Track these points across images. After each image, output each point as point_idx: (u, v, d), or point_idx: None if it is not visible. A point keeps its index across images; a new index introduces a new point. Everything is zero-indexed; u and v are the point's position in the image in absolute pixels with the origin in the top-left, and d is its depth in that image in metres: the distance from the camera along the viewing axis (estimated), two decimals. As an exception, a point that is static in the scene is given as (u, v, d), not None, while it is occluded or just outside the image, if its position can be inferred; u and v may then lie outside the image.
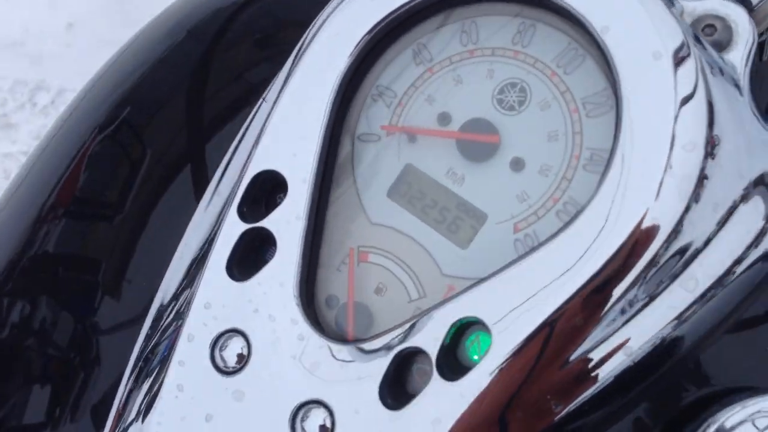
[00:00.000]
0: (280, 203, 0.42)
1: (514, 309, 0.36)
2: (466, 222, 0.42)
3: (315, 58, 0.44)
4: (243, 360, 0.40)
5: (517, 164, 0.42)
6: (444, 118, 0.44)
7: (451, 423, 0.36)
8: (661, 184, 0.36)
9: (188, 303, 0.42)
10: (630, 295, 0.37)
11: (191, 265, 0.45)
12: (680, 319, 0.38)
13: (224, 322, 0.41)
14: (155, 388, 0.42)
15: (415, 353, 0.38)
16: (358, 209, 0.44)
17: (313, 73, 0.44)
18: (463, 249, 0.42)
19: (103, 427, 0.46)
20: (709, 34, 0.42)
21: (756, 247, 0.40)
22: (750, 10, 0.55)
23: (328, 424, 0.38)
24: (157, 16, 0.69)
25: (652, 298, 0.37)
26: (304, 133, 0.43)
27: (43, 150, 0.65)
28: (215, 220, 0.45)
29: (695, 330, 0.40)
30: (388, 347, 0.38)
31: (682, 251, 0.37)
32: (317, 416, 0.38)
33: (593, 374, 0.38)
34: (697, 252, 0.37)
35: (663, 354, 0.39)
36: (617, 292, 0.36)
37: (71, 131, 0.65)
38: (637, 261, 0.36)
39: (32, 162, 0.66)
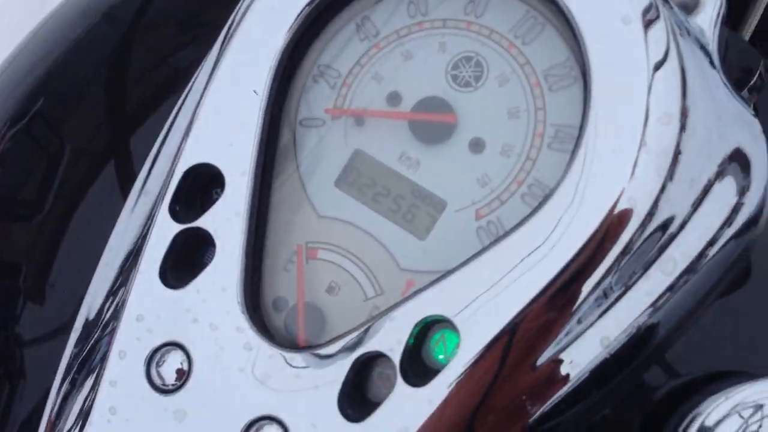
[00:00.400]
0: (216, 199, 0.38)
1: (483, 305, 0.33)
2: (423, 210, 0.38)
3: (248, 37, 0.39)
4: (183, 376, 0.36)
5: (477, 145, 0.38)
6: (394, 98, 0.40)
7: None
8: (636, 161, 0.33)
9: (117, 315, 0.37)
10: (606, 283, 0.34)
11: (119, 273, 0.41)
12: (657, 305, 0.36)
13: (160, 336, 0.36)
14: (85, 410, 0.37)
15: (376, 357, 0.35)
16: (304, 202, 0.40)
17: (246, 54, 0.39)
18: (421, 240, 0.38)
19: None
20: None
21: (729, 225, 0.38)
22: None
23: (285, 442, 0.34)
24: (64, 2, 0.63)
25: (629, 285, 0.34)
26: (239, 120, 0.38)
27: None
28: (144, 221, 0.40)
29: (672, 315, 0.37)
30: (345, 352, 0.34)
31: (661, 232, 0.34)
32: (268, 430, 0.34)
33: (569, 369, 0.34)
34: (675, 232, 0.35)
35: (641, 343, 0.36)
36: (593, 280, 0.33)
37: None
38: (613, 246, 0.33)
39: None
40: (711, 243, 0.37)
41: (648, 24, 0.34)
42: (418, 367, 0.34)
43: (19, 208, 0.56)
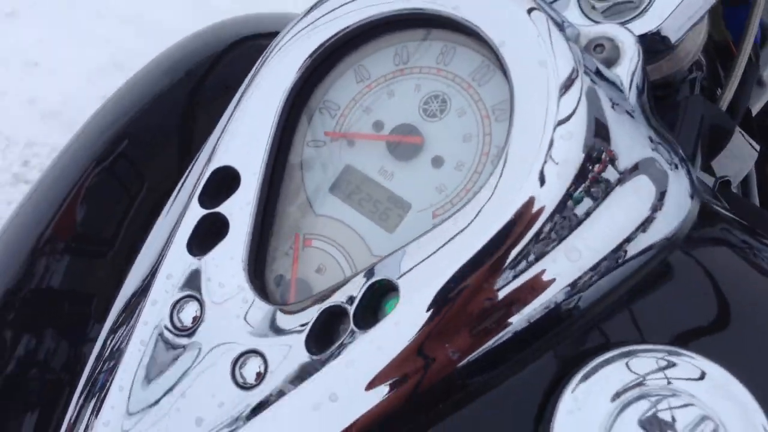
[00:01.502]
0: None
1: (419, 272, 0.42)
2: (394, 211, 0.48)
3: (268, 76, 0.51)
4: (196, 321, 0.46)
5: (437, 162, 0.48)
6: (378, 125, 0.51)
7: (362, 365, 0.42)
8: (542, 171, 0.42)
9: (153, 276, 0.48)
10: (517, 261, 0.42)
11: (157, 258, 0.51)
12: (573, 287, 0.44)
13: (182, 290, 0.47)
14: (122, 346, 0.48)
15: (340, 314, 0.44)
16: (305, 203, 0.51)
17: (265, 88, 0.51)
18: (390, 233, 0.48)
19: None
20: (599, 53, 0.49)
21: (644, 232, 0.46)
22: (670, 48, 0.62)
23: (262, 370, 0.43)
24: (158, 56, 0.77)
25: (533, 263, 0.43)
26: (256, 136, 0.50)
27: (41, 183, 0.71)
28: (181, 211, 0.51)
29: (586, 298, 0.45)
30: (315, 305, 0.44)
31: (561, 224, 0.42)
32: (253, 363, 0.44)
33: (491, 327, 0.43)
34: (575, 225, 0.43)
35: (554, 317, 0.44)
36: (507, 256, 0.42)
37: (69, 164, 0.70)
38: (525, 231, 0.42)
39: (30, 195, 0.71)
40: (625, 242, 0.45)
41: (562, 67, 0.44)
42: (369, 319, 0.43)
43: (96, 242, 0.65)
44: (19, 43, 2.36)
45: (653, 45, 0.60)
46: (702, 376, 0.40)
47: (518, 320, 0.43)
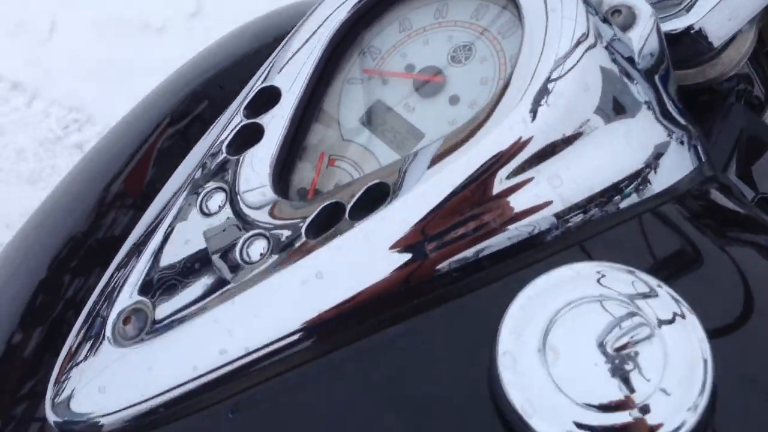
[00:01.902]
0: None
1: (409, 175, 0.47)
2: (410, 140, 0.53)
3: (320, 16, 0.58)
4: (220, 208, 0.52)
5: (454, 100, 0.53)
6: (409, 67, 0.56)
7: (348, 251, 0.46)
8: (534, 102, 0.46)
9: (198, 168, 0.55)
10: (507, 180, 0.46)
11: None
12: (555, 214, 0.47)
13: (213, 181, 0.53)
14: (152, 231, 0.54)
15: (341, 209, 0.49)
16: (336, 128, 0.56)
17: (317, 26, 0.58)
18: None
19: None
20: (617, 17, 0.53)
21: (635, 187, 0.48)
22: (712, 50, 0.64)
23: (264, 251, 0.49)
24: (248, 22, 0.85)
25: (522, 185, 0.46)
26: (301, 65, 0.56)
27: (114, 133, 0.75)
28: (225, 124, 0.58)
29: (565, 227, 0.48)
30: (318, 203, 0.49)
31: (546, 151, 0.46)
32: (259, 244, 0.49)
33: (468, 237, 0.46)
34: (557, 153, 0.46)
35: (534, 238, 0.47)
36: (493, 174, 0.46)
37: (142, 119, 0.74)
38: (512, 153, 0.46)
39: (102, 144, 0.75)
40: (611, 188, 0.48)
41: (569, 15, 0.48)
42: (364, 214, 0.48)
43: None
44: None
45: (694, 45, 0.63)
46: (654, 294, 0.41)
47: (497, 238, 0.47)
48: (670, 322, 0.41)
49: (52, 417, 0.50)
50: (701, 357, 0.40)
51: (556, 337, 0.41)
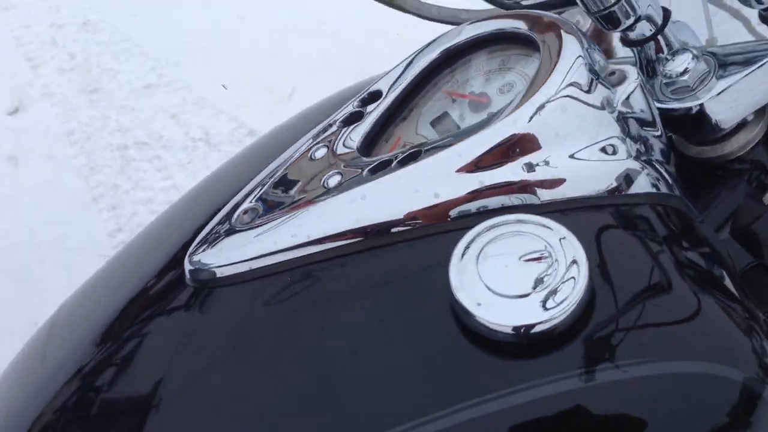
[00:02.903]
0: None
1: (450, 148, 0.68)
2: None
3: (429, 52, 0.82)
4: (322, 157, 0.77)
5: (491, 114, 0.74)
6: (472, 93, 0.78)
7: (387, 183, 0.68)
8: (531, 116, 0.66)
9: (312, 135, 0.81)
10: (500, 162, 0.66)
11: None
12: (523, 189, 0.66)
13: (322, 142, 0.78)
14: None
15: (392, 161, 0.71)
16: (414, 125, 0.79)
17: (416, 60, 0.82)
18: None
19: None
20: (611, 75, 0.71)
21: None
22: (723, 137, 0.79)
23: (337, 183, 0.72)
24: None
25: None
26: (401, 81, 0.81)
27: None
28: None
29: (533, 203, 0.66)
30: (381, 157, 0.72)
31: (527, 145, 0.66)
32: (335, 178, 0.72)
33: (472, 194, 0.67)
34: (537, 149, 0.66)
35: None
36: (496, 158, 0.66)
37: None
38: (508, 144, 0.66)
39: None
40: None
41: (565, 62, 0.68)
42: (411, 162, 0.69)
43: None
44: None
45: (703, 125, 0.78)
46: (564, 237, 0.59)
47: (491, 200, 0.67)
48: (564, 240, 0.58)
49: (187, 267, 0.75)
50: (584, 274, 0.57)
51: (489, 252, 0.60)
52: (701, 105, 0.76)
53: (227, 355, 0.68)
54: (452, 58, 0.82)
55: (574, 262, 0.59)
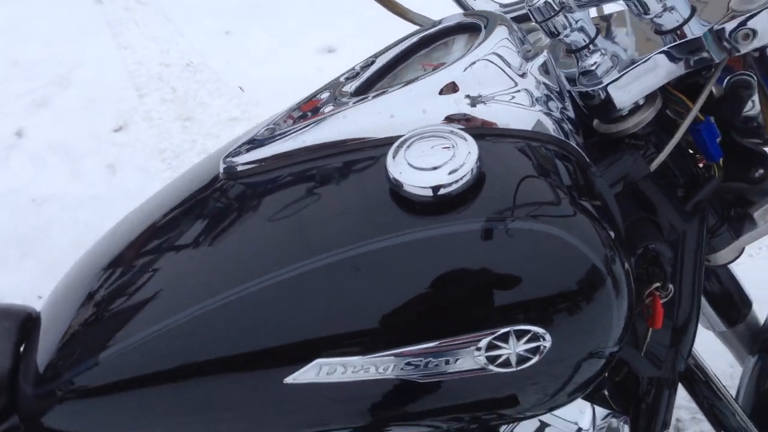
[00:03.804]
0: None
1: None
2: None
3: (413, 37, 1.10)
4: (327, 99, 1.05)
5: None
6: (437, 61, 1.06)
7: (371, 108, 0.96)
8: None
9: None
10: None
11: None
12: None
13: (329, 88, 1.07)
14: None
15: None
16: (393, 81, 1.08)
17: (403, 43, 1.11)
18: None
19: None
20: (528, 53, 0.98)
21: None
22: (617, 119, 1.04)
23: (332, 109, 1.00)
24: None
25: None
26: (387, 57, 1.09)
27: None
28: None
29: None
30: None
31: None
32: (330, 106, 1.01)
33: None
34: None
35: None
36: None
37: None
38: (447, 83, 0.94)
39: None
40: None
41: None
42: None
43: None
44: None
45: (606, 105, 0.98)
46: (464, 138, 0.86)
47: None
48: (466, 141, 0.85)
49: (221, 166, 1.04)
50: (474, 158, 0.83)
51: (415, 145, 0.87)
52: (603, 89, 0.98)
53: (249, 219, 0.95)
54: (428, 42, 1.10)
55: (469, 152, 0.84)
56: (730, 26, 0.92)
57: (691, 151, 1.16)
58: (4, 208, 3.55)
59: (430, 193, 0.82)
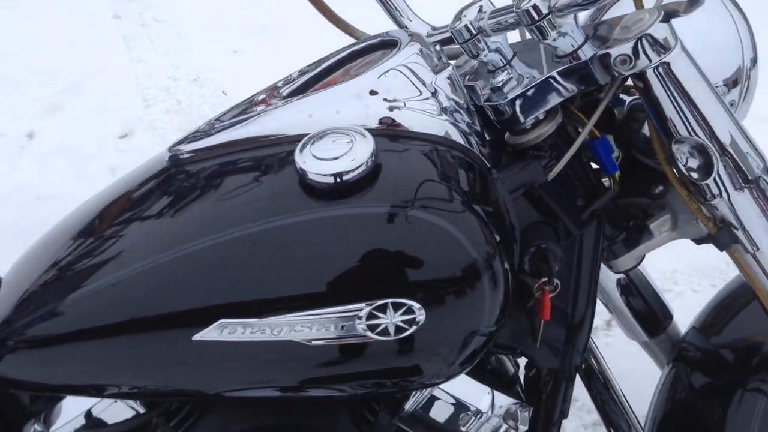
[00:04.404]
0: None
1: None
2: None
3: (337, 53, 1.22)
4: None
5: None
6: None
7: (295, 108, 1.07)
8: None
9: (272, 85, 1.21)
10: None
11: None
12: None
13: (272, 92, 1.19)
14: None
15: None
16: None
17: (335, 55, 1.22)
18: None
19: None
20: (436, 67, 1.09)
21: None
22: (522, 131, 1.14)
23: (263, 109, 1.12)
24: None
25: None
26: (322, 65, 1.21)
27: None
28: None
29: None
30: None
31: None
32: (262, 106, 1.12)
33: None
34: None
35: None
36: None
37: None
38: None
39: None
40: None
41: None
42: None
43: None
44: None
45: (511, 118, 1.09)
46: (363, 136, 0.96)
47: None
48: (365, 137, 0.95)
49: (167, 154, 1.15)
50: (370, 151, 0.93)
51: (321, 140, 0.98)
52: (508, 104, 1.08)
53: (179, 199, 1.06)
54: (357, 55, 1.21)
55: (366, 147, 0.95)
56: (613, 52, 1.03)
57: (595, 166, 1.26)
58: (10, 204, 3.69)
59: (330, 180, 0.93)
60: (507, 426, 1.18)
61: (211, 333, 0.92)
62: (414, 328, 0.92)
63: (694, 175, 1.11)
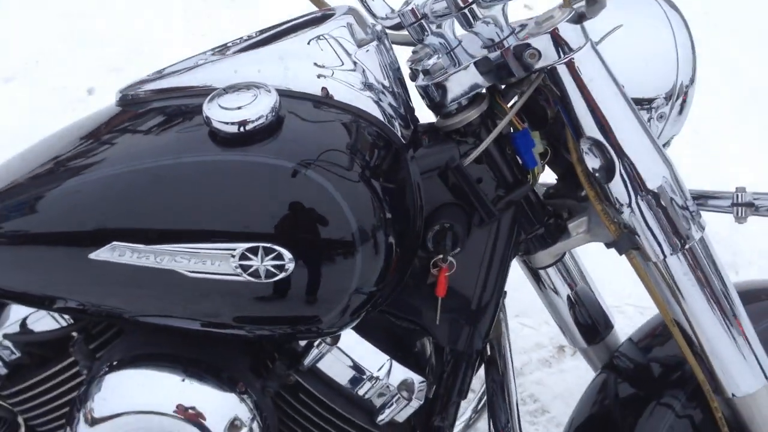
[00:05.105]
0: None
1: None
2: None
3: (279, 25, 1.27)
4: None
5: None
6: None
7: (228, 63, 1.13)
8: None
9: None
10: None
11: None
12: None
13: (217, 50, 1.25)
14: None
15: None
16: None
17: (278, 26, 1.27)
18: None
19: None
20: (361, 41, 1.12)
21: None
22: (448, 114, 1.17)
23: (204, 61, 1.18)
24: None
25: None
26: (265, 34, 1.26)
27: None
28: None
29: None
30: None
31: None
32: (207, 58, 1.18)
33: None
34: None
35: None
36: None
37: None
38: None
39: None
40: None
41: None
42: None
43: None
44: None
45: (441, 99, 1.12)
46: (268, 90, 1.01)
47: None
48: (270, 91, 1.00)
49: (117, 95, 1.23)
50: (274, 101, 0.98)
51: (231, 93, 1.03)
52: (432, 87, 1.09)
53: (117, 134, 1.14)
54: (298, 27, 1.25)
55: (269, 101, 1.00)
56: (523, 46, 1.05)
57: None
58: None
59: (231, 129, 0.98)
60: (400, 396, 1.21)
61: (104, 253, 0.99)
62: (283, 274, 0.96)
63: (599, 176, 1.12)
